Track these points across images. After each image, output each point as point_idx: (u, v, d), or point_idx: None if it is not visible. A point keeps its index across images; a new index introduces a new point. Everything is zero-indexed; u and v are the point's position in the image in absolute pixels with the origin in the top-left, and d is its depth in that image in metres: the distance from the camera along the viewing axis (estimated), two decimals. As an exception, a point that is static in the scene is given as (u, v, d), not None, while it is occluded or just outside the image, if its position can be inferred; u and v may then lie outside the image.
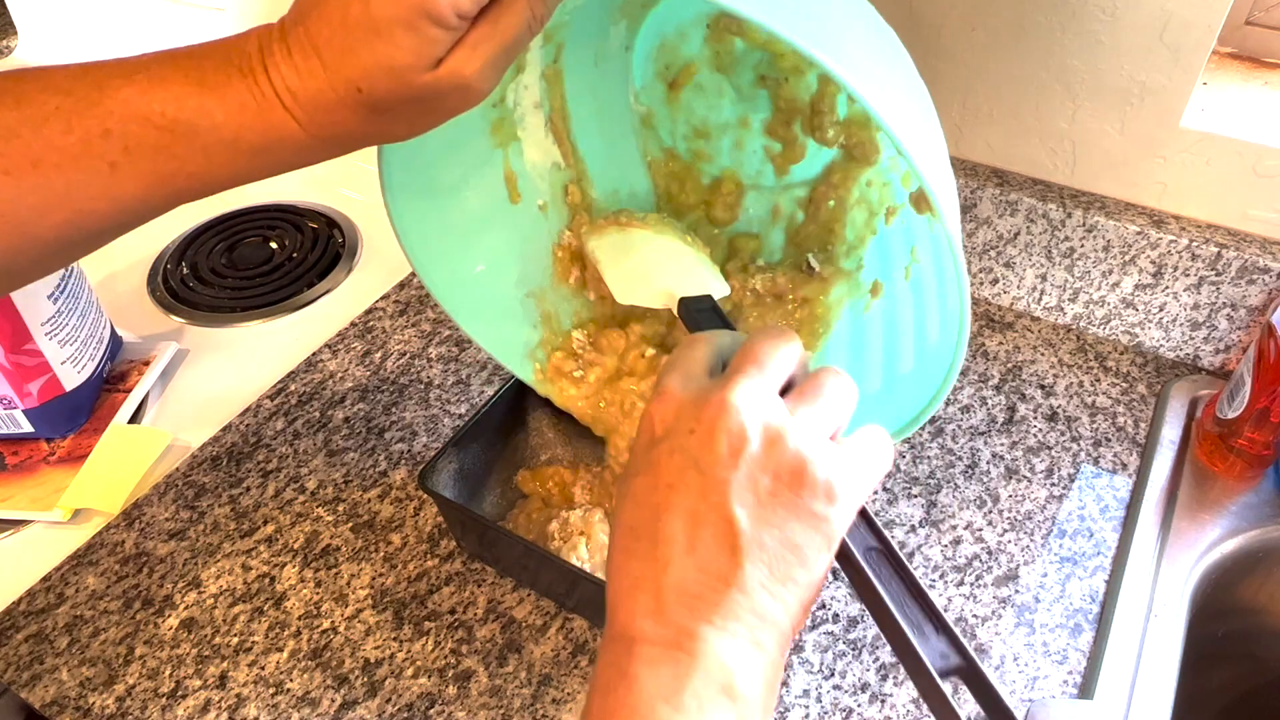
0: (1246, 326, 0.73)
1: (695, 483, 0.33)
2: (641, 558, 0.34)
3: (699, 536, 0.33)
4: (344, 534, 0.66)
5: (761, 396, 0.34)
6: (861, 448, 0.36)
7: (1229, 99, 0.72)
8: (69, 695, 0.57)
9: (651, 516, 0.34)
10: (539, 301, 0.60)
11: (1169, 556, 0.62)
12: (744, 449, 0.33)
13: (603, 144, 0.58)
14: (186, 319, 0.85)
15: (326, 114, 0.35)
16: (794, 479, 0.33)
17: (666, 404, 0.35)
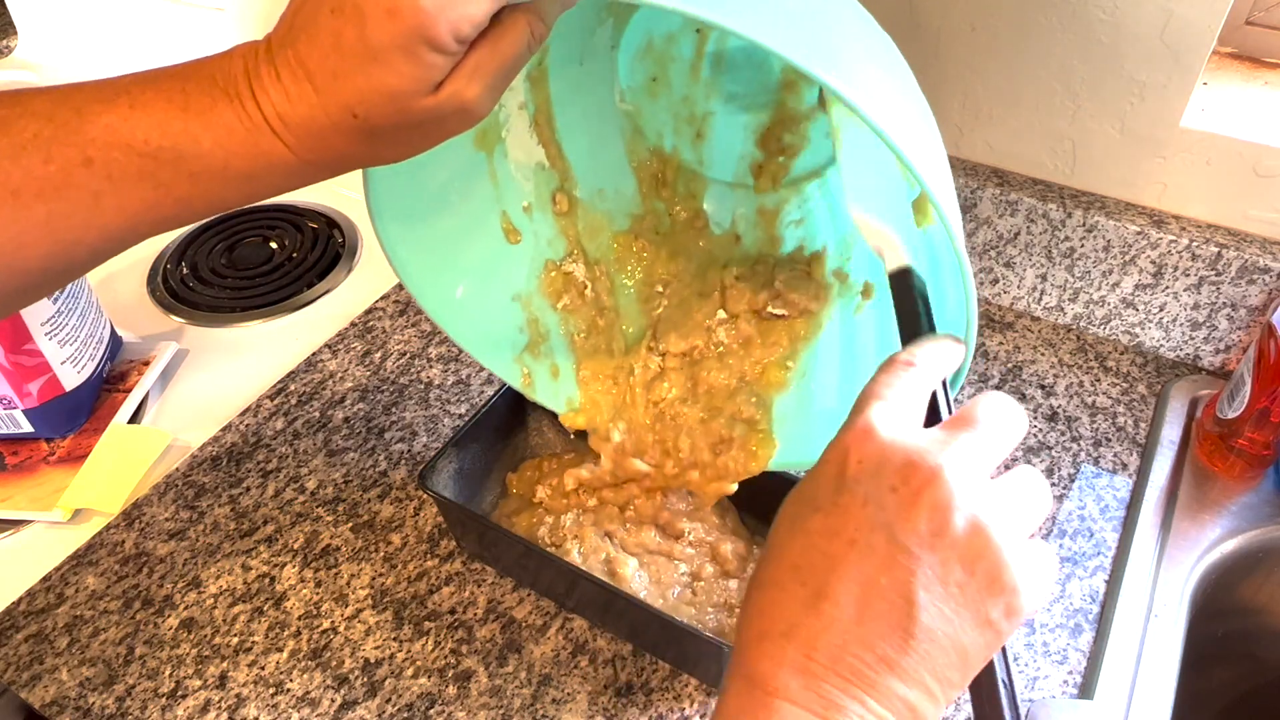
0: (1246, 326, 0.73)
1: (882, 549, 0.31)
2: (800, 606, 0.31)
3: (872, 608, 0.30)
4: (344, 534, 0.66)
5: (977, 475, 0.31)
6: (1044, 560, 0.33)
7: (1229, 99, 0.72)
8: (69, 695, 0.57)
9: (825, 566, 0.31)
10: (525, 306, 0.60)
11: (1169, 556, 0.62)
12: (946, 531, 0.30)
13: (588, 144, 0.58)
14: (186, 319, 0.85)
15: (318, 139, 0.34)
16: (986, 580, 0.31)
17: (869, 445, 0.32)
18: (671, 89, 0.56)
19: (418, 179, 0.51)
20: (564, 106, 0.56)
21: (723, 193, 0.59)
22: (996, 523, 0.31)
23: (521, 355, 0.59)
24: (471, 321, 0.57)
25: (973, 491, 0.31)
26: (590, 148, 0.58)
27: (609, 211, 0.60)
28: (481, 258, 0.57)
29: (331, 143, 0.35)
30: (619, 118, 0.58)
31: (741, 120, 0.56)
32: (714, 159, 0.59)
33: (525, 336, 0.59)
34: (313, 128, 0.34)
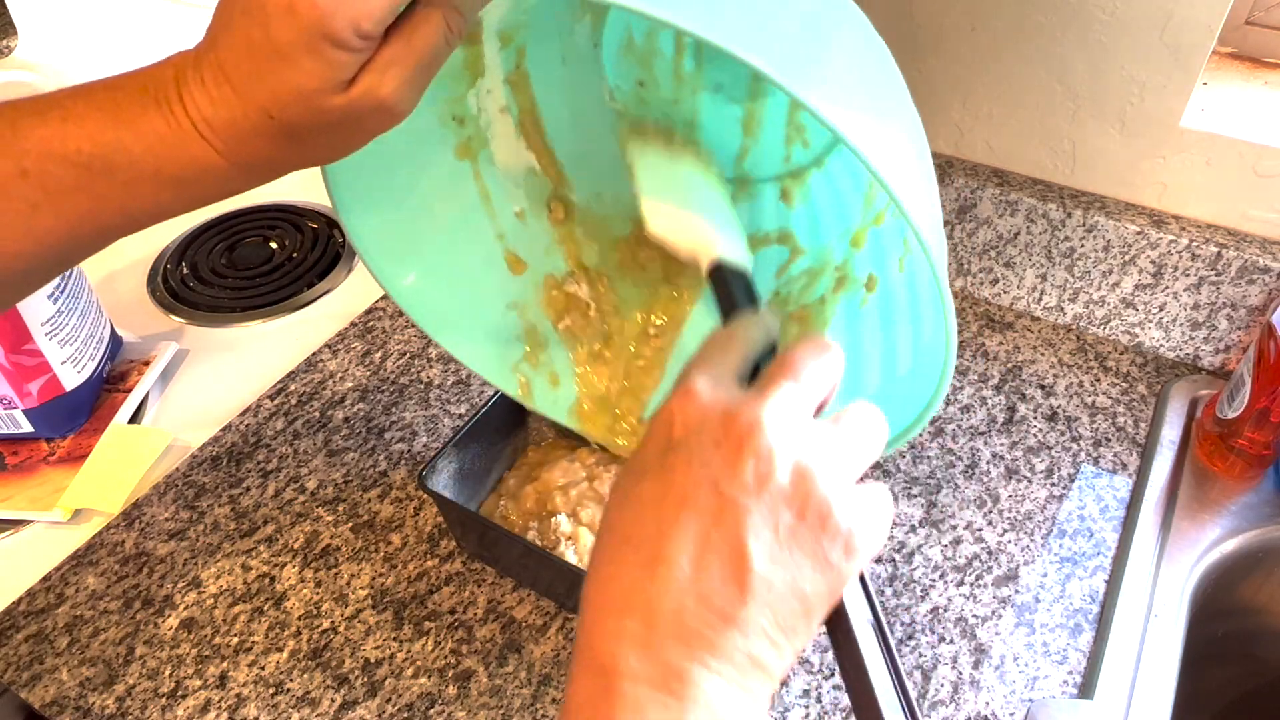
0: (1246, 326, 0.73)
1: (711, 504, 0.30)
2: (636, 575, 0.31)
3: (706, 564, 0.30)
4: (344, 534, 0.66)
5: (796, 421, 0.32)
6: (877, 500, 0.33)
7: (1229, 99, 0.72)
8: (69, 695, 0.57)
9: (656, 531, 0.31)
10: (521, 314, 0.59)
11: (1169, 556, 0.62)
12: (771, 477, 0.30)
13: (580, 145, 0.56)
14: (186, 319, 0.85)
15: (242, 142, 0.34)
16: (817, 520, 0.31)
17: (690, 406, 0.32)
18: (659, 88, 0.56)
19: (394, 192, 0.50)
20: (551, 109, 0.54)
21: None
22: (821, 465, 0.31)
23: (519, 364, 0.59)
24: (466, 331, 0.56)
25: (795, 436, 0.31)
26: (584, 150, 0.57)
27: (608, 216, 0.59)
28: (473, 267, 0.56)
29: (255, 145, 0.34)
30: (611, 118, 0.58)
31: (734, 114, 0.56)
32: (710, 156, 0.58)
33: (522, 346, 0.59)
34: (236, 131, 0.34)
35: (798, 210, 0.57)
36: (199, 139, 0.34)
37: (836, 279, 0.55)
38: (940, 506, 0.66)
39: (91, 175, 0.35)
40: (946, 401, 0.74)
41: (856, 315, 0.55)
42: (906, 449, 0.70)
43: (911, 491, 0.67)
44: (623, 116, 0.57)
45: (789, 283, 0.58)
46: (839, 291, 0.55)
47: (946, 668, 0.57)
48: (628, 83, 0.56)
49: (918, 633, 0.59)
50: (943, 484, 0.68)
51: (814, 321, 0.57)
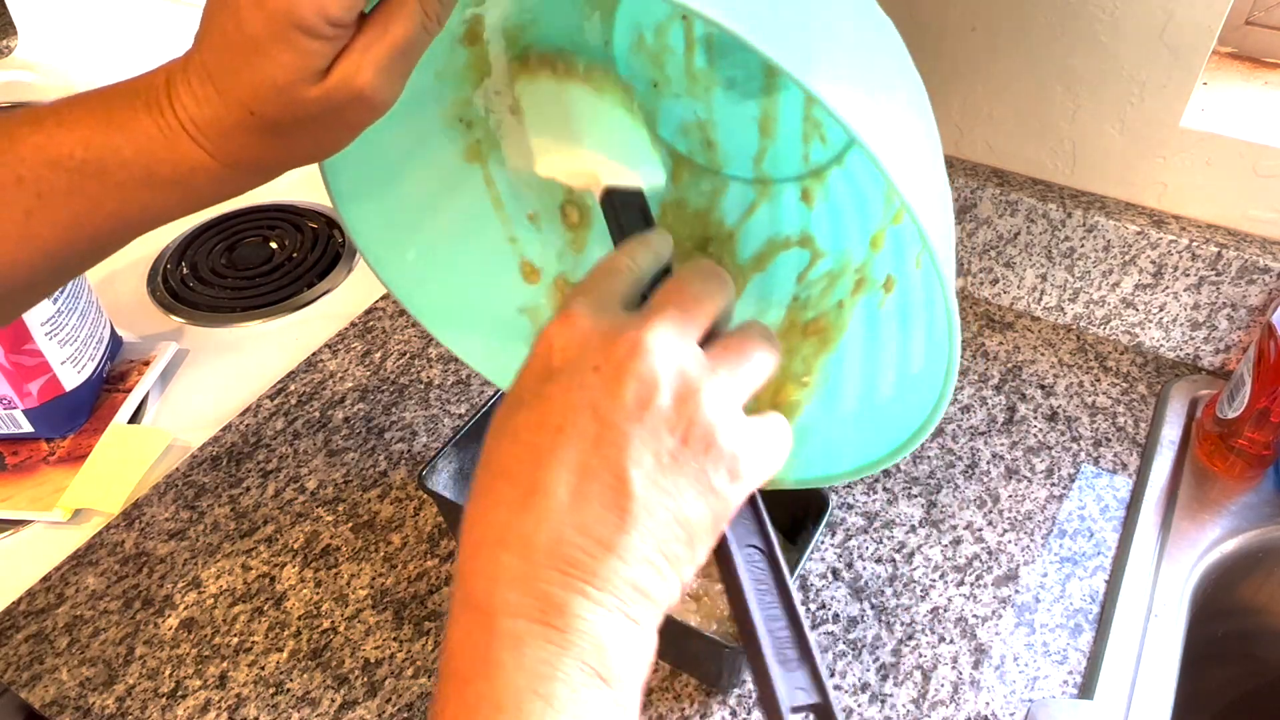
0: (1246, 326, 0.73)
1: (590, 429, 0.29)
2: (511, 507, 0.30)
3: (585, 492, 0.29)
4: (344, 534, 0.66)
5: (681, 344, 0.31)
6: (770, 429, 0.33)
7: (1229, 99, 0.72)
8: (69, 695, 0.57)
9: (532, 461, 0.30)
10: (533, 317, 0.58)
11: (1169, 556, 0.62)
12: (653, 400, 0.30)
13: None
14: (186, 319, 0.85)
15: (228, 140, 0.34)
16: (700, 445, 0.30)
17: (571, 331, 0.31)
18: (673, 86, 0.55)
19: (398, 197, 0.49)
20: None
21: (741, 191, 0.59)
22: (706, 388, 0.30)
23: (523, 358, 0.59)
24: (472, 332, 0.56)
25: (678, 358, 0.30)
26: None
27: None
28: (483, 269, 0.56)
29: (240, 142, 0.34)
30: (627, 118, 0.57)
31: (750, 113, 0.55)
32: (728, 157, 0.58)
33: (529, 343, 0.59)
34: (220, 128, 0.34)
35: (818, 211, 0.56)
36: (188, 139, 0.34)
37: (855, 281, 0.54)
38: (940, 506, 0.66)
39: (84, 178, 0.35)
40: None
41: (875, 317, 0.54)
42: (906, 449, 0.70)
43: (911, 491, 0.67)
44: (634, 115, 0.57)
45: (808, 286, 0.57)
46: (857, 294, 0.54)
47: (946, 668, 0.57)
48: (642, 83, 0.55)
49: (918, 633, 0.59)
50: (943, 484, 0.68)
51: (832, 328, 0.56)
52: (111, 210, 0.36)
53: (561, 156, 0.46)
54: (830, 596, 0.61)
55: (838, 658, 0.58)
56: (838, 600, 0.61)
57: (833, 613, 0.60)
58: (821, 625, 0.59)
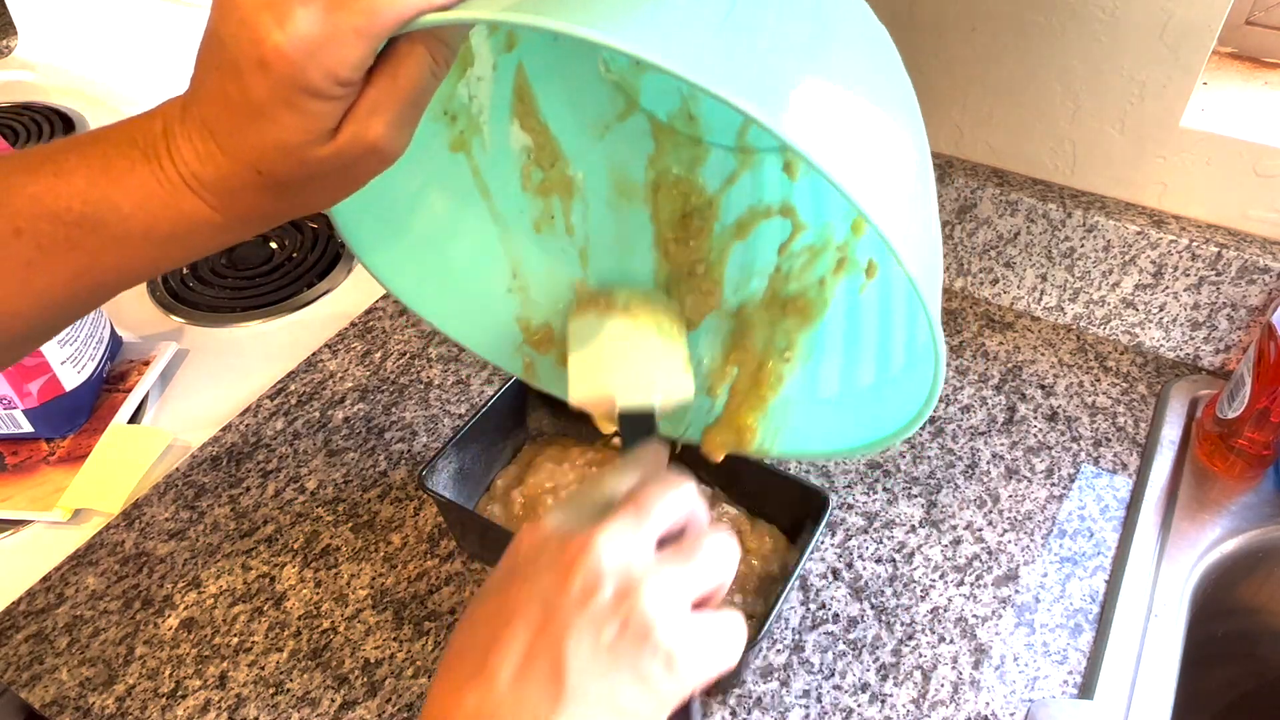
0: (1246, 326, 0.73)
1: (538, 617, 0.32)
2: (461, 685, 0.32)
3: (526, 673, 0.31)
4: (344, 534, 0.66)
5: (629, 544, 0.33)
6: (719, 628, 0.34)
7: (1229, 99, 0.72)
8: (69, 695, 0.57)
9: (486, 644, 0.32)
10: (521, 297, 0.58)
11: (1169, 556, 0.62)
12: (595, 593, 0.32)
13: (575, 120, 0.56)
14: (186, 319, 0.85)
15: (234, 197, 0.33)
16: (637, 636, 0.32)
17: (536, 534, 0.35)
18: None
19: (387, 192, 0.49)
20: (543, 85, 0.53)
21: (723, 158, 0.58)
22: (649, 585, 0.32)
23: (522, 345, 0.59)
24: (465, 315, 0.56)
25: (625, 558, 0.33)
26: (577, 123, 0.56)
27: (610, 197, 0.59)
28: (475, 258, 0.56)
29: (248, 200, 0.34)
30: (608, 89, 0.56)
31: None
32: (711, 127, 0.57)
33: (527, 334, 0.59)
34: (226, 187, 0.33)
35: (800, 184, 0.56)
36: (190, 194, 0.33)
37: (838, 259, 0.54)
38: (940, 506, 0.66)
39: (83, 232, 0.34)
40: (946, 401, 0.74)
41: (856, 302, 0.54)
42: (906, 449, 0.70)
43: (911, 491, 0.67)
44: (619, 88, 0.57)
45: (790, 259, 0.57)
46: (839, 274, 0.54)
47: (946, 668, 0.57)
48: (622, 58, 0.55)
49: (918, 633, 0.59)
50: (943, 484, 0.68)
51: (814, 305, 0.57)
52: (111, 264, 0.35)
53: (587, 387, 0.50)
54: (830, 596, 0.61)
55: (838, 658, 0.58)
56: (838, 600, 0.61)
57: (833, 613, 0.60)
58: (821, 625, 0.59)
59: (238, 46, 0.30)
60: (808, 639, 0.59)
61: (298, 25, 0.29)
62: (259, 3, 0.29)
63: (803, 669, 0.57)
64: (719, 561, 0.35)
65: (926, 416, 0.43)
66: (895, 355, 0.51)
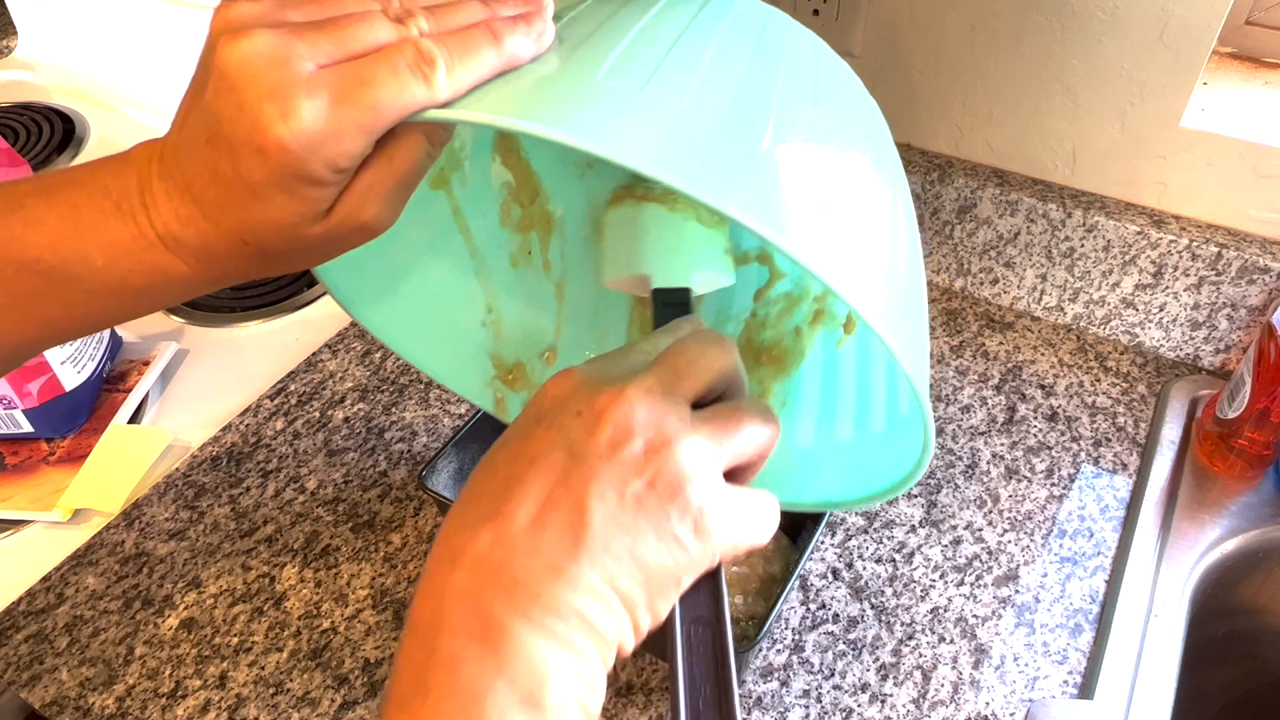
0: (1246, 326, 0.73)
1: (561, 463, 0.30)
2: (473, 529, 0.30)
3: (544, 519, 0.29)
4: (344, 534, 0.66)
5: (665, 399, 0.31)
6: (752, 502, 0.32)
7: (1229, 99, 0.72)
8: (69, 695, 0.57)
9: (503, 487, 0.30)
10: (495, 331, 0.57)
11: (1169, 556, 0.62)
12: (625, 444, 0.30)
13: (557, 157, 0.55)
14: (186, 319, 0.85)
15: (214, 261, 0.33)
16: (667, 492, 0.30)
17: (564, 382, 0.32)
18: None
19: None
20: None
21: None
22: (682, 441, 0.30)
23: (493, 381, 0.58)
24: (442, 353, 0.55)
25: (657, 410, 0.31)
26: (561, 162, 0.56)
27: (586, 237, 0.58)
28: (449, 290, 0.55)
29: (229, 265, 0.33)
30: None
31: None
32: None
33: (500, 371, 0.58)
34: (208, 252, 0.33)
35: None
36: (164, 252, 0.33)
37: (814, 310, 0.54)
38: (940, 506, 0.66)
39: (53, 283, 0.33)
40: (946, 401, 0.74)
41: (834, 357, 0.53)
42: (906, 449, 0.70)
43: (911, 491, 0.67)
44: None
45: (767, 305, 0.57)
46: (816, 325, 0.54)
47: (946, 668, 0.57)
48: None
49: (918, 633, 0.59)
50: (943, 484, 0.68)
51: (789, 354, 0.56)
52: (82, 314, 0.35)
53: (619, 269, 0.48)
54: (830, 596, 0.61)
55: (838, 658, 0.58)
56: (838, 600, 0.61)
57: (833, 613, 0.60)
58: (821, 625, 0.59)
59: (234, 129, 0.29)
60: (808, 639, 0.59)
61: (302, 120, 0.29)
62: (261, 90, 0.28)
63: (803, 669, 0.57)
64: (758, 431, 0.33)
65: (912, 483, 0.41)
66: (875, 416, 0.50)
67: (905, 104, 0.80)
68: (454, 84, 0.30)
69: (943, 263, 0.83)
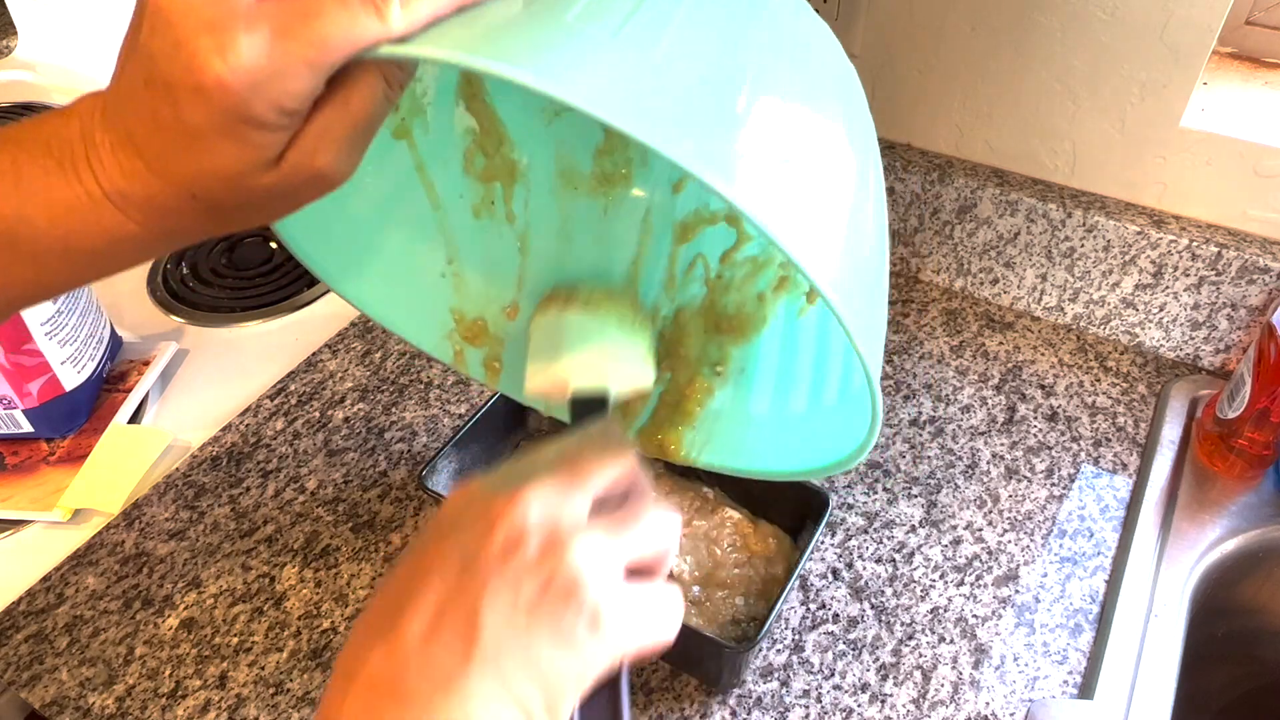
0: (1246, 326, 0.73)
1: (454, 575, 0.30)
2: (370, 642, 0.30)
3: (437, 631, 0.29)
4: (344, 534, 0.66)
5: (559, 504, 0.31)
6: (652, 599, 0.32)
7: (1229, 99, 0.72)
8: (69, 695, 0.57)
9: (400, 602, 0.30)
10: (456, 283, 0.56)
11: (1169, 556, 0.62)
12: (518, 550, 0.30)
13: (523, 103, 0.54)
14: (186, 319, 0.85)
15: (164, 217, 0.31)
16: (561, 592, 0.29)
17: (463, 495, 0.33)
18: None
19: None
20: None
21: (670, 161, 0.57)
22: (578, 541, 0.30)
23: (452, 334, 0.57)
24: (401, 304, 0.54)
25: (551, 513, 0.31)
26: (527, 108, 0.54)
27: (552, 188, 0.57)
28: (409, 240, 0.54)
29: (179, 220, 0.31)
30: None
31: None
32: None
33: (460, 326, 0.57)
34: (155, 206, 0.30)
35: None
36: (112, 210, 0.31)
37: (779, 278, 0.54)
38: (940, 506, 0.66)
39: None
40: (946, 401, 0.74)
41: (794, 325, 0.53)
42: (906, 449, 0.70)
43: (911, 491, 0.67)
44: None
45: (732, 267, 0.57)
46: (780, 292, 0.54)
47: (946, 668, 0.57)
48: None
49: (918, 633, 0.59)
50: (943, 484, 0.68)
51: (751, 320, 0.56)
52: (26, 278, 0.33)
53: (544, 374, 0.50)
54: (830, 596, 0.61)
55: (838, 658, 0.58)
56: (838, 600, 0.61)
57: (833, 613, 0.60)
58: (821, 625, 0.59)
59: (170, 68, 0.27)
60: (808, 639, 0.59)
61: (241, 55, 0.26)
62: (197, 24, 0.26)
63: (803, 669, 0.57)
64: (658, 532, 0.33)
65: (860, 459, 0.42)
66: (829, 389, 0.50)
67: (905, 104, 0.80)
68: (409, 17, 0.28)
69: (943, 263, 0.83)
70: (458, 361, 0.57)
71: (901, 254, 0.85)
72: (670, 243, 0.58)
